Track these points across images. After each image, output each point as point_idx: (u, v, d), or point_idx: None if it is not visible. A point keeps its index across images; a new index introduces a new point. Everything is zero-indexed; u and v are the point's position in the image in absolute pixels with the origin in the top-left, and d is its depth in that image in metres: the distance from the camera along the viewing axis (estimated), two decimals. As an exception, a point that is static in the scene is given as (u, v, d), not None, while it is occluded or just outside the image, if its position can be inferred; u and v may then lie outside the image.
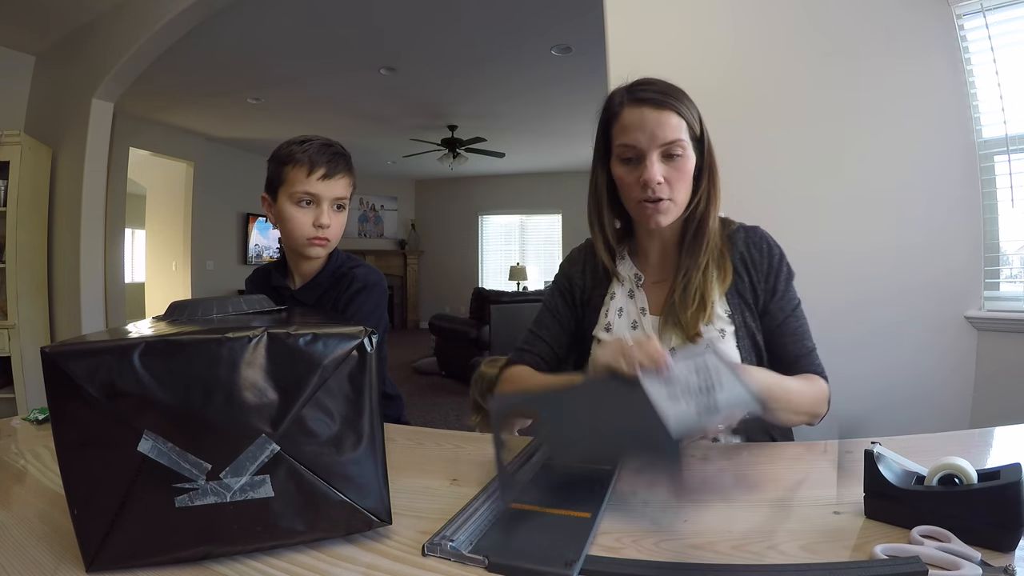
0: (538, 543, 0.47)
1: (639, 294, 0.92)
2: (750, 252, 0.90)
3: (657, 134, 0.81)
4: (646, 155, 0.82)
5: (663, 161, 0.82)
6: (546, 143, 6.30)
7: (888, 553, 0.43)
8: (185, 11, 2.62)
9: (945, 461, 0.48)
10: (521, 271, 7.89)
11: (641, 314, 0.90)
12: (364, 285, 1.08)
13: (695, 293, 0.85)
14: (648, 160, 0.81)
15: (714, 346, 0.64)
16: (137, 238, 5.98)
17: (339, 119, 5.30)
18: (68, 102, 3.17)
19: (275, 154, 1.05)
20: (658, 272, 0.93)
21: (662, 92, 0.83)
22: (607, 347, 0.63)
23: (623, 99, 0.85)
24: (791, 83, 1.64)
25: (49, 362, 0.43)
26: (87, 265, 3.05)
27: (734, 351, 0.86)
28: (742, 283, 0.89)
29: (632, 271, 0.94)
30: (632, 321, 0.91)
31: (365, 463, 0.50)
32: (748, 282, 0.89)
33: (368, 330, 0.50)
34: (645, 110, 0.82)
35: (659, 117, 0.81)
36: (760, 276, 0.89)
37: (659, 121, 0.81)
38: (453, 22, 3.27)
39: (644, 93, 0.83)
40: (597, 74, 2.04)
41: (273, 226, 1.09)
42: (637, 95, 0.83)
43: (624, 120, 0.84)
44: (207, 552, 0.47)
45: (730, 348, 0.85)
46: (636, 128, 0.82)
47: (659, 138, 0.81)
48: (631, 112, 0.83)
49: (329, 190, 1.03)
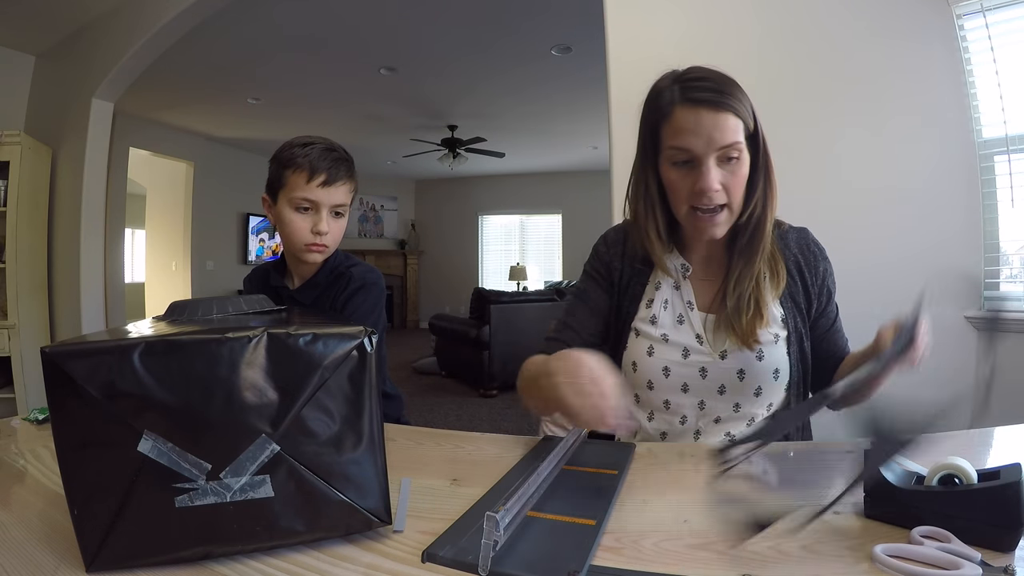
0: (541, 551, 0.47)
1: (685, 286, 0.89)
2: (804, 256, 0.89)
3: (715, 137, 0.74)
4: (702, 161, 0.76)
5: (720, 166, 0.77)
6: (546, 143, 6.30)
7: (888, 553, 0.43)
8: (185, 11, 2.62)
9: (945, 461, 0.48)
10: (521, 271, 7.89)
11: (688, 308, 0.88)
12: (362, 284, 1.07)
13: (749, 299, 0.82)
14: (705, 166, 0.76)
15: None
16: (137, 238, 5.99)
17: (339, 119, 5.30)
18: (68, 102, 3.18)
19: (277, 155, 1.04)
20: (703, 268, 0.90)
21: (718, 91, 0.75)
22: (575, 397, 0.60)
23: (674, 97, 0.77)
24: (791, 83, 1.64)
25: (49, 362, 0.43)
26: (87, 265, 3.05)
27: (784, 357, 0.85)
28: (795, 287, 0.88)
29: (679, 261, 0.89)
30: (678, 315, 0.88)
31: (365, 463, 0.50)
32: (801, 287, 0.88)
33: (368, 330, 0.50)
34: (701, 112, 0.75)
35: (716, 119, 0.74)
36: (816, 281, 0.88)
37: (716, 124, 0.74)
38: (453, 22, 3.27)
39: (699, 93, 0.76)
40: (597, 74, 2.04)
41: (272, 226, 1.08)
42: (692, 95, 0.76)
43: (677, 121, 0.77)
44: (207, 552, 0.47)
45: (781, 354, 0.85)
46: (691, 132, 0.75)
47: (716, 142, 0.75)
48: (685, 113, 0.76)
49: (329, 197, 1.02)
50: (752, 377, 0.83)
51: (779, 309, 0.86)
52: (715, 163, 0.76)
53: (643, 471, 0.68)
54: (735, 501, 0.54)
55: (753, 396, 0.84)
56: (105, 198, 3.15)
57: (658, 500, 0.58)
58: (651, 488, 0.62)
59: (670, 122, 0.78)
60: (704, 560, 0.46)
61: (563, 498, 0.57)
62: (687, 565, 0.45)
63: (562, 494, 0.58)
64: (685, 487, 0.63)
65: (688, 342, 0.86)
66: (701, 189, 0.76)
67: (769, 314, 0.84)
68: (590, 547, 0.47)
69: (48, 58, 3.40)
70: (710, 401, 0.86)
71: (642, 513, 0.56)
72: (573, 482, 0.62)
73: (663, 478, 0.66)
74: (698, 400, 0.86)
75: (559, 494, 0.58)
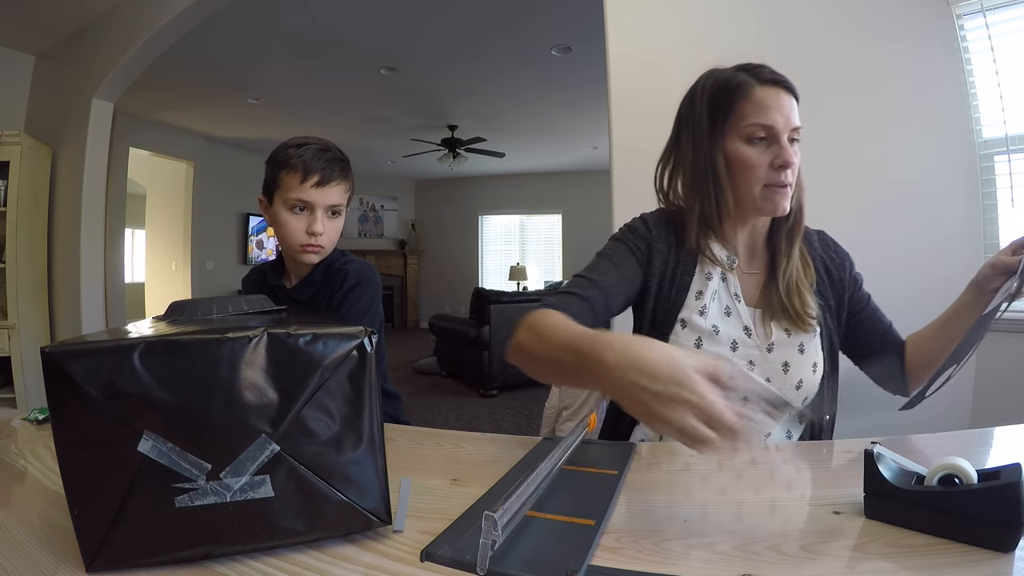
0: (539, 551, 0.47)
1: (732, 278, 0.88)
2: (828, 254, 0.94)
3: (791, 117, 0.80)
4: (780, 137, 0.80)
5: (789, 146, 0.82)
6: (546, 143, 6.31)
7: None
8: (185, 11, 2.62)
9: (945, 461, 0.48)
10: (521, 271, 7.89)
11: (735, 300, 0.88)
12: (358, 281, 1.07)
13: (798, 283, 0.87)
14: (782, 141, 0.80)
15: None
16: (137, 238, 5.98)
17: (339, 119, 5.30)
18: (68, 102, 3.18)
19: (272, 156, 1.04)
20: (746, 261, 0.91)
21: (786, 78, 0.82)
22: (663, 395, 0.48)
23: (752, 80, 0.82)
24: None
25: (49, 362, 0.43)
26: (87, 265, 3.05)
27: (819, 352, 0.87)
28: (823, 285, 0.91)
29: (724, 253, 0.88)
30: (725, 307, 0.87)
31: (365, 463, 0.50)
32: (828, 283, 0.92)
33: (368, 330, 0.50)
34: (780, 92, 0.81)
35: (791, 101, 0.81)
36: (843, 276, 0.93)
37: (791, 105, 0.81)
38: (453, 22, 3.27)
39: (775, 76, 0.82)
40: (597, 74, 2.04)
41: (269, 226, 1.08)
42: (771, 77, 0.82)
43: (758, 99, 0.81)
44: (207, 552, 0.47)
45: (817, 348, 0.87)
46: (774, 108, 0.80)
47: (791, 122, 0.81)
48: (767, 91, 0.81)
49: (323, 198, 1.02)
50: (795, 370, 0.85)
51: (815, 299, 0.89)
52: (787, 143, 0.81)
53: (643, 471, 0.68)
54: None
55: (795, 389, 0.86)
56: (105, 198, 3.15)
57: (658, 500, 0.58)
58: (651, 488, 0.62)
59: (750, 99, 0.81)
60: (704, 560, 0.46)
61: (562, 498, 0.57)
62: (687, 565, 0.45)
63: (562, 494, 0.58)
64: (685, 487, 0.63)
65: (737, 334, 0.86)
66: (785, 162, 0.80)
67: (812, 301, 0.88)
68: (589, 547, 0.47)
69: (48, 58, 3.40)
70: None
71: (642, 513, 0.56)
72: (573, 482, 0.62)
73: (663, 478, 0.66)
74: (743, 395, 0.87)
75: (559, 494, 0.58)
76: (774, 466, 0.70)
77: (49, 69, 3.39)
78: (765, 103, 0.80)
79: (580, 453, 0.70)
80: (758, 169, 0.81)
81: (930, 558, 0.44)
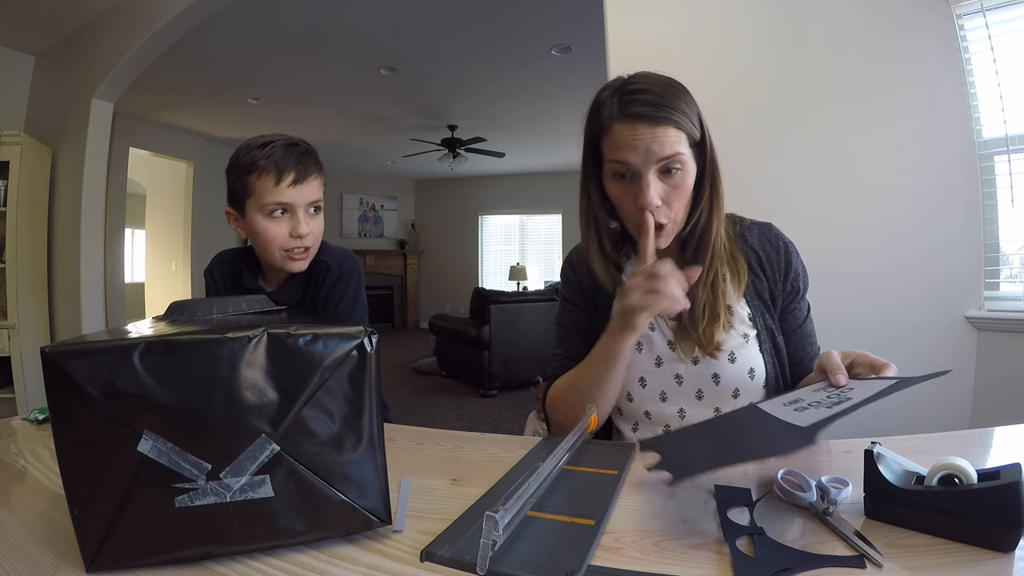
0: (539, 551, 0.46)
1: None
2: (765, 250, 0.88)
3: (653, 150, 0.74)
4: (642, 175, 0.75)
5: (661, 178, 0.76)
6: (546, 143, 6.31)
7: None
8: (185, 11, 2.62)
9: (945, 461, 0.48)
10: (521, 271, 7.89)
11: (656, 317, 0.86)
12: (340, 274, 1.03)
13: (704, 308, 0.82)
14: (644, 180, 0.75)
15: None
16: (137, 238, 5.98)
17: (339, 119, 5.30)
18: (68, 102, 3.18)
19: (234, 163, 0.95)
20: None
21: (656, 104, 0.74)
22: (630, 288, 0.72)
23: (613, 112, 0.77)
24: (790, 84, 1.64)
25: (49, 362, 0.43)
26: (87, 265, 3.05)
27: (757, 356, 0.84)
28: (760, 283, 0.87)
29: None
30: (650, 323, 0.86)
31: (365, 463, 0.50)
32: (765, 281, 0.87)
33: (368, 330, 0.50)
34: (639, 126, 0.74)
35: (654, 132, 0.73)
36: (778, 275, 0.87)
37: (655, 137, 0.73)
38: (453, 22, 3.27)
39: (636, 107, 0.74)
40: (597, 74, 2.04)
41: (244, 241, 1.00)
42: (629, 111, 0.75)
43: (615, 136, 0.76)
44: (207, 552, 0.47)
45: (753, 353, 0.84)
46: (629, 147, 0.74)
47: (655, 154, 0.74)
48: (622, 128, 0.75)
49: (302, 196, 0.95)
50: (728, 380, 0.83)
51: (745, 308, 0.86)
52: (655, 175, 0.75)
53: (643, 471, 0.68)
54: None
55: (732, 398, 0.84)
56: (105, 198, 3.15)
57: (658, 500, 0.58)
58: (651, 488, 0.62)
59: (608, 136, 0.77)
60: (704, 560, 0.46)
61: (563, 498, 0.57)
62: (687, 565, 0.45)
63: (562, 494, 0.58)
64: (685, 488, 0.63)
65: (660, 350, 0.86)
66: (641, 205, 0.76)
67: (735, 316, 0.85)
68: (588, 547, 0.47)
69: (48, 58, 3.40)
70: (690, 408, 0.85)
71: (642, 513, 0.55)
72: (573, 482, 0.62)
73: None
74: (677, 408, 0.86)
75: (559, 494, 0.58)
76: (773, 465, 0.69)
77: (49, 69, 3.39)
78: (621, 141, 0.75)
79: (580, 453, 0.70)
80: (627, 207, 0.79)
81: (930, 558, 0.44)
